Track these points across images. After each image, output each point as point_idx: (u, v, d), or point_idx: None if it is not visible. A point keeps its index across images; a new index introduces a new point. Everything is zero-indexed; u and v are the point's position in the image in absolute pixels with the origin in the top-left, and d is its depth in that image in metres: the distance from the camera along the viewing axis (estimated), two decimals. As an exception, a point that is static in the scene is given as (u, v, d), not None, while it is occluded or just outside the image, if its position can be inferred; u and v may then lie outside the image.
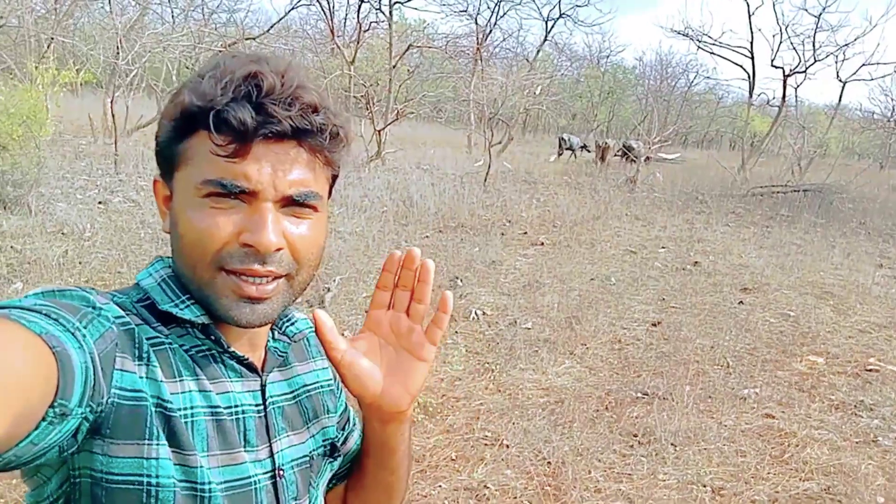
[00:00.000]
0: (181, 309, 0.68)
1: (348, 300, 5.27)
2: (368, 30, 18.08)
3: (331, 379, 0.87)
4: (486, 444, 3.38)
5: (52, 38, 9.42)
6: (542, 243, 8.19)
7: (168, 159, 0.68)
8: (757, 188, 15.29)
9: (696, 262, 7.74)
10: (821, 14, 20.09)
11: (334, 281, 5.54)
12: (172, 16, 19.65)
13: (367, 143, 13.89)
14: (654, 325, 5.42)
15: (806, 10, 21.31)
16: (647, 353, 4.81)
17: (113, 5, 13.67)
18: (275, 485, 0.73)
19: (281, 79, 0.64)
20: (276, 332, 0.80)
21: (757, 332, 5.36)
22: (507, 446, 3.36)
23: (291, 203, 0.66)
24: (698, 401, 4.03)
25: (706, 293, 6.48)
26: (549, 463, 3.24)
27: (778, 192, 14.97)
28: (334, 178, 0.74)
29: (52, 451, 0.54)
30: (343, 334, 0.78)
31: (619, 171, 17.34)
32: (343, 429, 0.88)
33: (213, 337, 0.70)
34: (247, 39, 15.72)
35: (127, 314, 0.64)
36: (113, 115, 11.64)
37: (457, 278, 6.17)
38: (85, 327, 0.57)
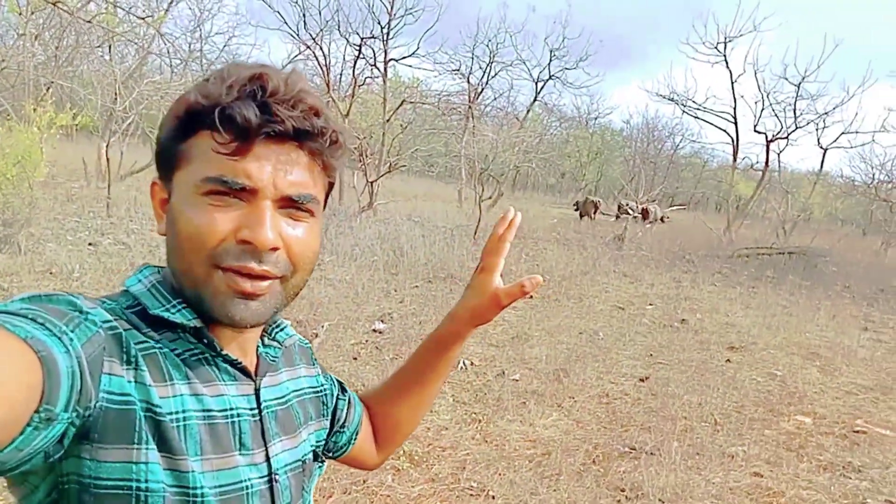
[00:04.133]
0: (172, 313, 0.67)
1: (336, 346, 5.23)
2: (363, 85, 18.48)
3: (315, 386, 0.88)
4: (471, 495, 3.31)
5: (52, 83, 9.54)
6: (531, 296, 8.20)
7: (168, 159, 0.69)
8: (742, 249, 15.51)
9: (683, 320, 7.77)
10: (800, 83, 20.76)
11: (322, 327, 5.51)
12: (171, 65, 20.02)
13: (359, 193, 14.02)
14: (641, 380, 5.40)
15: (786, 79, 21.92)
16: (634, 407, 4.78)
17: (113, 53, 13.93)
18: (271, 490, 0.72)
19: (285, 82, 0.66)
20: (266, 338, 0.80)
21: (744, 391, 5.36)
22: (493, 497, 3.30)
23: (290, 204, 0.67)
24: (686, 457, 3.99)
25: (694, 350, 6.49)
26: (535, 516, 3.18)
27: (763, 254, 15.18)
28: (330, 185, 0.76)
29: (37, 457, 0.54)
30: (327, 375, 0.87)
31: (606, 229, 17.55)
32: (343, 397, 0.95)
33: (205, 340, 0.69)
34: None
35: (115, 319, 0.63)
36: (108, 160, 11.72)
37: (445, 328, 6.14)
38: (72, 331, 0.56)
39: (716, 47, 21.76)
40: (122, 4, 8.34)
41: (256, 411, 0.73)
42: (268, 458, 0.73)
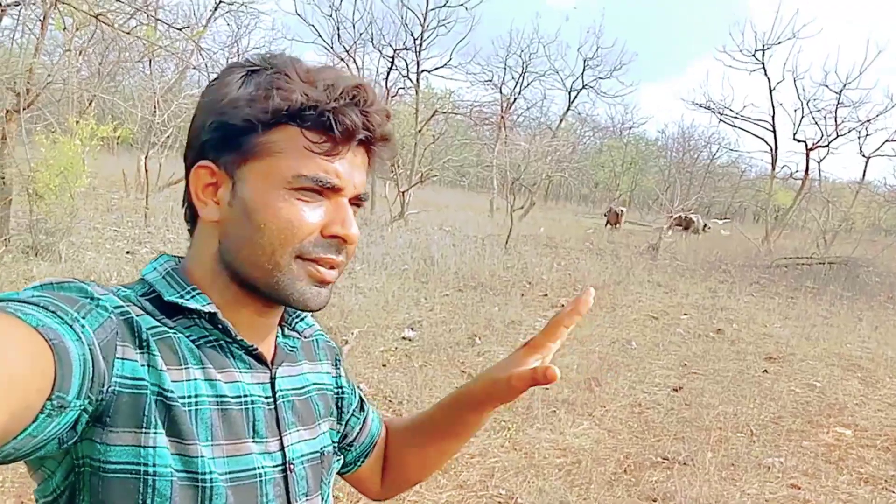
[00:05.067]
0: (187, 299, 0.68)
1: (365, 353, 5.26)
2: (396, 95, 18.65)
3: (336, 388, 0.88)
4: (499, 502, 3.29)
5: (94, 96, 9.84)
6: (563, 305, 8.06)
7: (239, 146, 0.68)
8: (781, 260, 15.16)
9: (719, 330, 7.62)
10: (841, 91, 20.31)
11: (352, 333, 5.54)
12: (209, 79, 20.45)
13: (390, 203, 14.11)
14: (675, 390, 5.31)
15: (827, 86, 21.41)
16: (667, 417, 4.69)
17: (153, 67, 14.31)
18: (285, 479, 0.72)
19: (377, 94, 0.71)
20: (286, 328, 0.80)
21: (782, 402, 5.22)
22: (522, 505, 3.27)
23: (355, 201, 0.72)
24: (720, 468, 3.90)
25: (729, 360, 6.35)
26: (564, 524, 3.14)
27: (803, 265, 14.81)
28: None
29: (51, 443, 0.54)
30: (359, 387, 0.83)
31: (640, 239, 17.35)
32: (360, 415, 0.93)
33: (220, 326, 0.69)
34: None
35: (128, 305, 0.64)
36: (146, 171, 12.02)
37: (475, 336, 6.14)
38: (83, 318, 0.56)
39: (753, 55, 21.45)
40: (163, 20, 8.57)
41: (271, 399, 0.73)
42: (282, 447, 0.73)
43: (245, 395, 0.70)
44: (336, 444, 0.86)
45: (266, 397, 0.73)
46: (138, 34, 6.95)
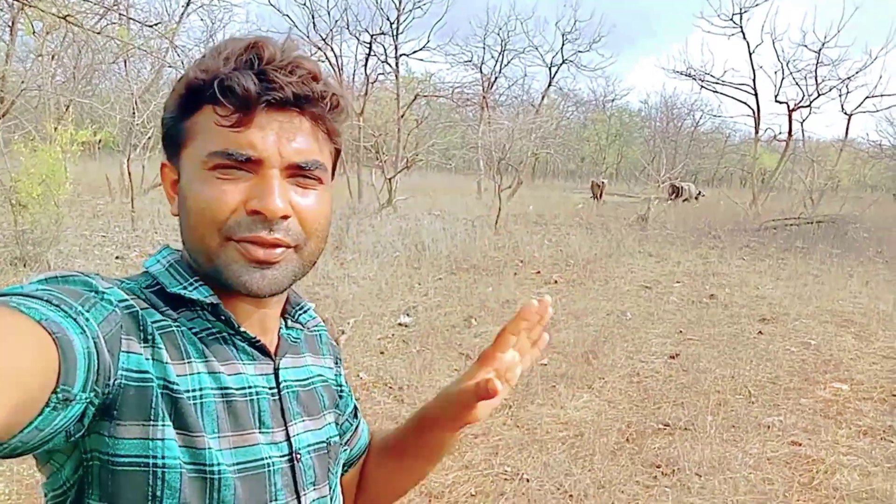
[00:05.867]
0: (189, 290, 0.68)
1: (363, 342, 5.26)
2: (375, 81, 18.53)
3: (336, 385, 0.87)
4: (505, 479, 3.31)
5: (71, 101, 9.72)
6: (556, 281, 8.17)
7: (174, 138, 0.69)
8: (770, 222, 15.25)
9: (712, 296, 7.67)
10: (820, 49, 20.35)
11: (348, 323, 5.54)
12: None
13: (378, 191, 14.06)
14: (672, 357, 5.35)
15: (806, 46, 21.51)
16: (666, 384, 4.73)
17: (128, 68, 14.14)
18: (292, 469, 0.72)
19: (281, 49, 0.66)
20: (288, 320, 0.79)
21: (778, 361, 5.27)
22: (528, 480, 3.30)
23: (297, 172, 0.67)
24: (721, 430, 3.94)
25: (724, 325, 6.40)
26: (570, 496, 3.17)
27: (791, 225, 14.91)
28: (337, 153, 0.75)
29: (58, 437, 0.54)
30: (359, 375, 0.80)
31: (629, 211, 17.39)
32: (353, 421, 0.90)
33: (223, 318, 0.69)
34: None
35: (132, 298, 0.64)
36: (129, 175, 11.90)
37: (471, 317, 6.15)
38: (88, 311, 0.56)
39: (731, 19, 21.44)
40: (134, 18, 8.46)
41: (276, 390, 0.73)
42: (288, 438, 0.72)
43: (249, 387, 0.70)
44: (341, 437, 0.85)
45: (270, 388, 0.72)
46: (110, 34, 6.85)
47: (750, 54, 21.74)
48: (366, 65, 18.23)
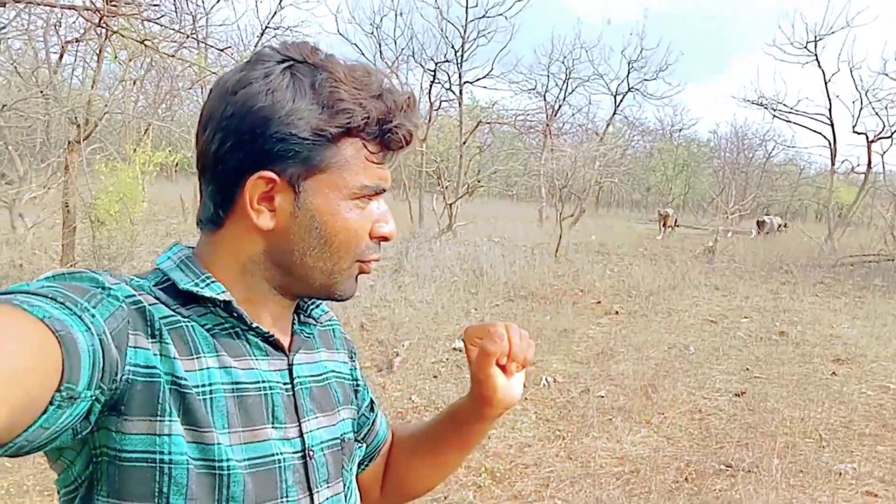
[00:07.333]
0: (201, 287, 0.67)
1: (417, 365, 5.25)
2: (439, 108, 18.75)
3: (352, 379, 0.87)
4: (556, 513, 3.21)
5: (150, 124, 10.22)
6: (617, 312, 7.98)
7: (304, 158, 0.67)
8: (847, 258, 14.53)
9: (782, 332, 7.33)
10: (903, 78, 19.36)
11: (403, 346, 5.55)
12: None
13: (438, 216, 14.16)
14: (737, 395, 5.11)
15: (886, 74, 20.43)
16: (730, 423, 4.52)
17: (204, 95, 14.78)
18: (305, 466, 0.71)
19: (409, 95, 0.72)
20: (301, 316, 0.79)
21: (853, 405, 4.97)
22: (579, 516, 3.19)
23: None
24: (788, 475, 3.72)
25: (794, 363, 6.09)
26: (624, 535, 3.04)
27: (870, 262, 14.16)
28: None
29: (65, 434, 0.54)
30: (411, 398, 0.81)
31: (695, 243, 16.92)
32: (369, 415, 0.90)
33: (235, 314, 0.69)
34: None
35: (140, 294, 0.63)
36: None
37: (527, 346, 6.06)
38: (94, 307, 0.56)
39: (805, 46, 20.70)
40: (210, 44, 8.86)
41: (289, 386, 0.73)
42: (301, 434, 0.72)
43: (263, 381, 0.69)
44: (356, 433, 0.84)
45: (284, 384, 0.72)
46: (187, 59, 7.18)
47: (826, 83, 20.94)
48: (430, 92, 18.47)
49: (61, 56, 8.70)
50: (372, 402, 0.91)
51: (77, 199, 7.70)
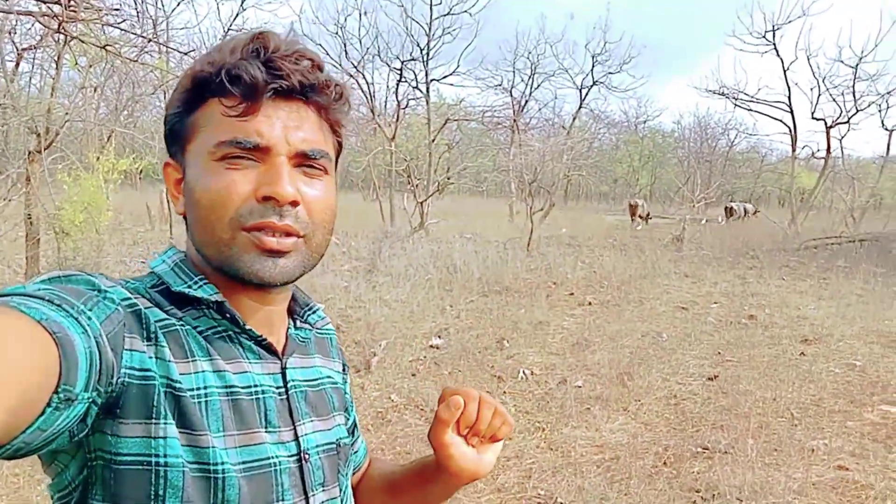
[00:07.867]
0: (194, 289, 0.68)
1: (395, 364, 5.25)
2: (407, 107, 18.71)
3: (344, 390, 0.87)
4: (539, 503, 3.24)
5: (112, 131, 10.03)
6: (590, 303, 8.07)
7: (178, 133, 0.70)
8: (810, 241, 14.90)
9: (751, 316, 7.48)
10: (857, 64, 19.86)
11: (380, 346, 5.54)
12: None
13: (410, 215, 14.14)
14: (710, 378, 5.21)
15: (842, 61, 21.06)
16: (704, 407, 4.61)
17: (166, 99, 14.54)
18: (300, 469, 0.71)
19: (285, 41, 0.67)
20: (297, 321, 0.79)
21: (822, 383, 5.10)
22: (562, 504, 3.23)
23: (304, 161, 0.68)
24: (763, 454, 3.81)
25: (764, 346, 6.23)
26: (606, 521, 3.09)
27: (833, 244, 14.54)
28: (339, 146, 0.76)
29: (62, 437, 0.54)
30: (391, 397, 0.80)
31: (664, 232, 17.17)
32: (352, 433, 0.89)
33: (228, 316, 0.69)
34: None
35: (136, 297, 0.63)
36: (168, 203, 12.19)
37: (503, 339, 6.10)
38: (90, 310, 0.56)
39: (764, 36, 21.12)
40: (172, 47, 8.72)
41: (283, 389, 0.72)
42: (296, 437, 0.71)
43: (255, 386, 0.69)
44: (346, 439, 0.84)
45: (277, 387, 0.72)
46: (149, 63, 7.07)
47: (784, 71, 21.40)
48: (397, 91, 18.44)
49: (17, 64, 8.47)
50: (355, 424, 0.91)
51: (40, 210, 7.52)
